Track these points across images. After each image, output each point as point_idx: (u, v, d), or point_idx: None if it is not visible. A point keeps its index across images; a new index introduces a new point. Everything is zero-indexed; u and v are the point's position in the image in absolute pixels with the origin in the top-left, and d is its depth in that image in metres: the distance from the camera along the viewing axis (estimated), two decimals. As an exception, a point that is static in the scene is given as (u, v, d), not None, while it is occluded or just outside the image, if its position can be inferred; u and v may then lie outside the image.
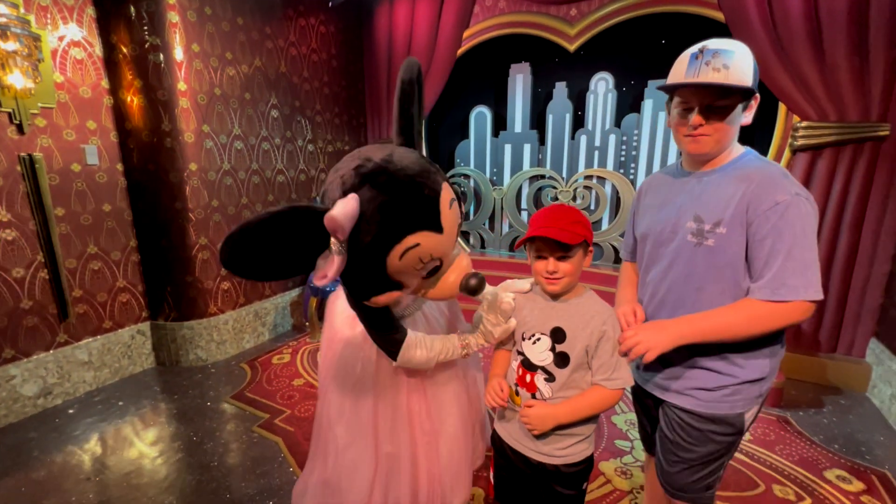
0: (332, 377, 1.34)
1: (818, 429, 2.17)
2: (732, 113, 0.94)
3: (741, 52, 0.92)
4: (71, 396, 2.46)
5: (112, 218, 2.57)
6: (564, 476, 1.08)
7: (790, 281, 0.90)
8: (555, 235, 0.97)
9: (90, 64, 2.41)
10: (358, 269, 0.94)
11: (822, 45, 2.32)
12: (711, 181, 1.00)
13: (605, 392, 1.02)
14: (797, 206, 0.90)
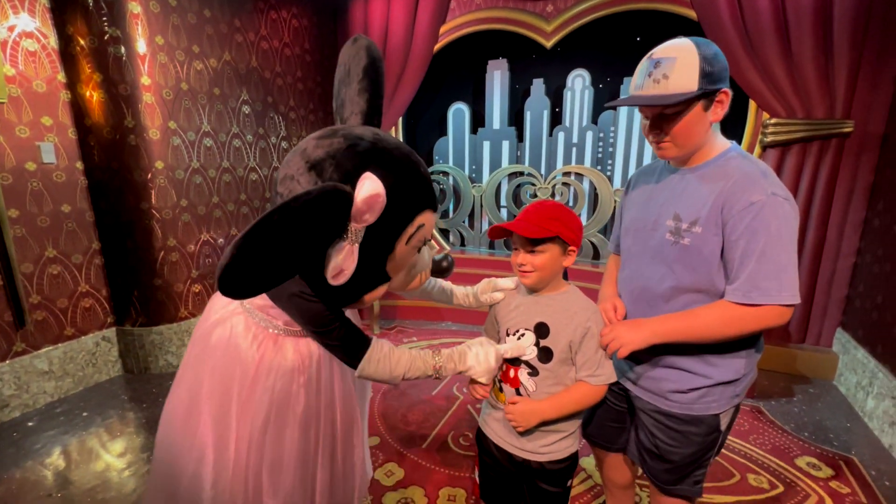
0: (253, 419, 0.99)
1: (789, 417, 2.23)
2: (688, 116, 0.92)
3: (684, 58, 0.89)
4: (30, 408, 2.32)
5: (72, 219, 2.43)
6: (549, 473, 1.08)
7: (763, 284, 0.88)
8: (519, 229, 0.98)
9: (44, 56, 2.27)
10: (362, 261, 0.80)
11: (790, 44, 2.38)
12: (692, 179, 1.00)
13: (590, 388, 1.03)
14: (773, 207, 0.88)
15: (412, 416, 2.22)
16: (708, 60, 0.90)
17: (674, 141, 0.96)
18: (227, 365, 1.00)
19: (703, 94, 0.91)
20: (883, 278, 2.22)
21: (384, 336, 3.25)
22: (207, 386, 1.00)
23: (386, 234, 0.83)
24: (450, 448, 1.97)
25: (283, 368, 1.00)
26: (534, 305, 1.08)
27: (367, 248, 0.80)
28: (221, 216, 2.94)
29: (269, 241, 0.67)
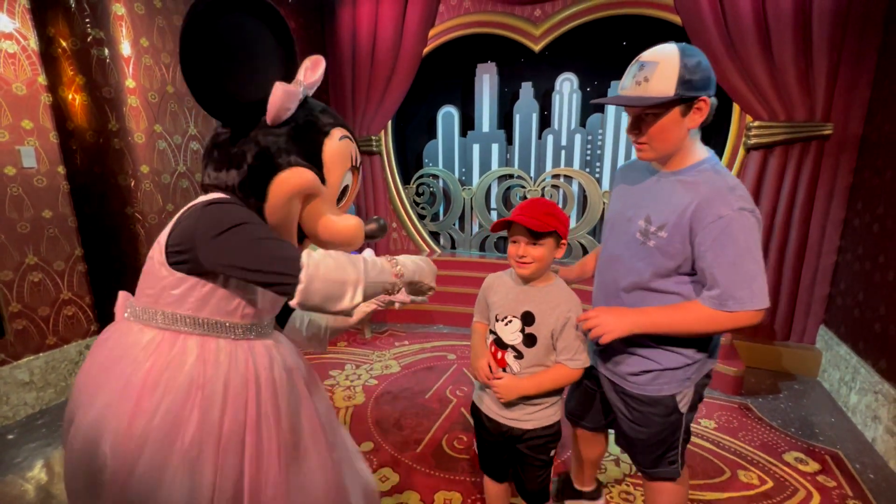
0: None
1: (776, 414, 2.28)
2: (662, 120, 0.98)
3: (666, 62, 0.95)
4: (10, 421, 2.25)
5: (54, 225, 2.37)
6: (532, 440, 1.20)
7: (737, 294, 0.95)
8: (524, 222, 1.07)
9: (24, 58, 2.21)
10: (299, 124, 0.90)
11: (771, 49, 2.44)
12: (666, 185, 1.05)
13: (567, 370, 1.16)
14: (740, 221, 0.94)
15: (406, 421, 2.21)
16: (689, 69, 0.94)
17: (650, 143, 1.02)
18: (101, 392, 0.81)
19: (681, 100, 0.96)
20: (863, 276, 2.28)
21: (375, 340, 3.23)
22: (78, 422, 0.81)
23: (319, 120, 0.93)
24: (444, 452, 1.97)
25: (176, 381, 0.80)
26: (522, 295, 1.19)
27: (300, 125, 0.90)
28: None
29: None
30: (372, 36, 3.50)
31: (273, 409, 0.89)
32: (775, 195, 2.63)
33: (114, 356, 0.84)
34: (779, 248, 2.67)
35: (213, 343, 0.85)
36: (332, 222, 0.95)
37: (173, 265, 0.83)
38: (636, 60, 1.00)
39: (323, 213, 0.95)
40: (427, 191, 3.87)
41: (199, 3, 0.77)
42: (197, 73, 0.80)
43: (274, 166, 0.87)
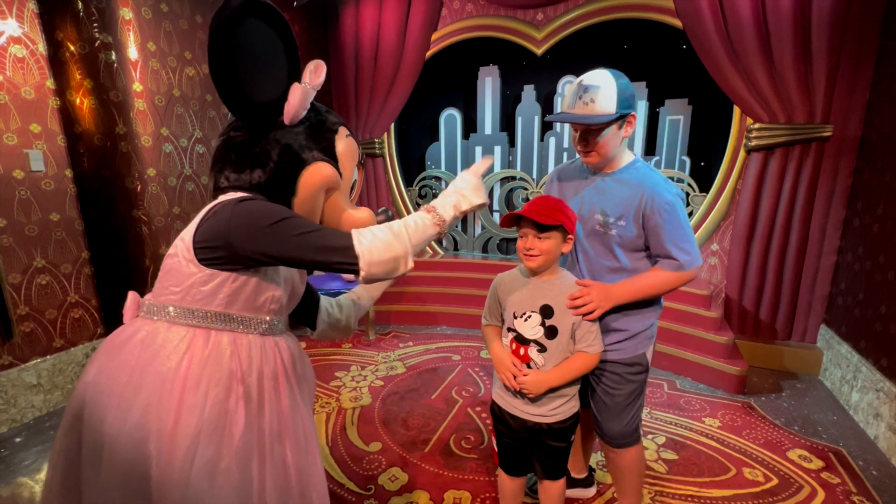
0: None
1: (779, 412, 2.30)
2: (606, 133, 1.21)
3: (606, 86, 1.17)
4: (18, 423, 2.25)
5: (61, 228, 2.38)
6: (556, 432, 1.26)
7: (684, 257, 1.23)
8: (531, 216, 1.14)
9: (33, 63, 2.23)
10: (313, 122, 0.96)
11: (771, 52, 2.48)
12: (612, 184, 1.28)
13: (588, 357, 1.21)
14: (676, 204, 1.23)
15: (412, 421, 2.22)
16: (622, 90, 1.18)
17: (597, 151, 1.23)
18: (140, 392, 0.79)
19: (619, 117, 1.19)
20: (864, 276, 2.31)
21: (379, 342, 3.25)
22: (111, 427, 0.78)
23: (328, 120, 0.99)
24: (452, 451, 1.98)
25: (216, 375, 0.82)
26: (537, 289, 1.22)
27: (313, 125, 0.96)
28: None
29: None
30: (375, 40, 3.53)
31: (301, 400, 0.96)
32: (776, 196, 2.66)
33: (145, 356, 0.82)
34: (780, 248, 2.70)
35: (244, 339, 0.88)
36: (352, 216, 1.01)
37: (203, 261, 0.84)
38: (579, 83, 1.20)
39: (343, 206, 1.01)
40: (430, 193, 3.89)
41: (224, 10, 0.81)
42: (225, 76, 0.84)
43: (300, 161, 0.91)
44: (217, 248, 0.83)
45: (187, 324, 0.85)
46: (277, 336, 0.95)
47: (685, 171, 3.08)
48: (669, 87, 3.06)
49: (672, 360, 2.71)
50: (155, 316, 0.88)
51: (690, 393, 2.48)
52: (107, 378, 0.83)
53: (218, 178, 0.95)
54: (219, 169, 0.95)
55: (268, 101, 0.90)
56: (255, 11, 0.86)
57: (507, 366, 1.23)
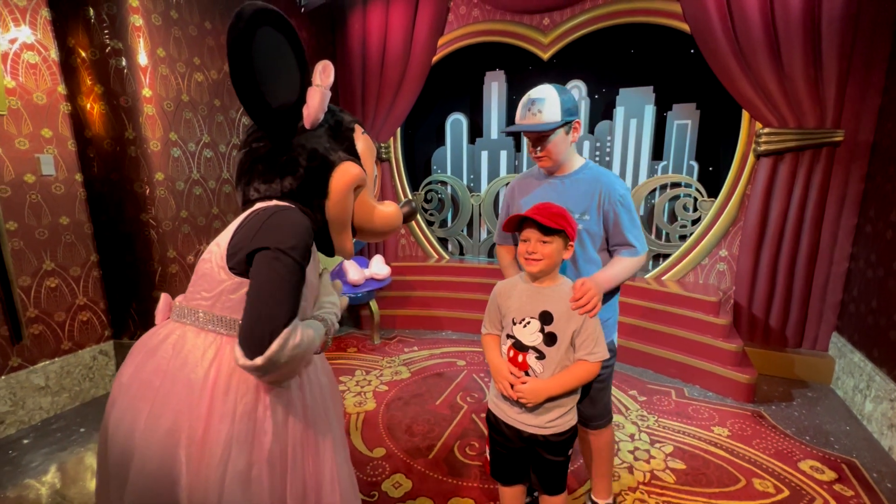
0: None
1: (790, 422, 2.26)
2: (555, 139, 1.35)
3: (550, 98, 1.33)
4: (26, 425, 2.27)
5: (70, 231, 2.41)
6: (553, 444, 1.22)
7: (639, 243, 1.39)
8: (537, 219, 1.14)
9: (45, 68, 2.26)
10: (331, 124, 1.00)
11: (781, 56, 2.45)
12: (571, 183, 1.41)
13: (588, 365, 1.18)
14: (627, 196, 1.40)
15: (417, 427, 2.21)
16: (564, 102, 1.34)
17: (548, 155, 1.36)
18: (171, 399, 0.80)
19: (565, 123, 1.34)
20: (876, 283, 2.27)
21: (384, 346, 3.24)
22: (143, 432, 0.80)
23: (346, 120, 1.04)
24: (456, 458, 1.97)
25: (245, 384, 0.82)
26: (536, 295, 1.21)
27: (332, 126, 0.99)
28: (221, 227, 2.93)
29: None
30: (382, 45, 3.54)
31: (322, 405, 0.97)
32: (786, 201, 2.62)
33: (176, 363, 0.83)
34: (790, 254, 2.66)
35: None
36: (381, 211, 1.06)
37: (233, 269, 0.85)
38: (528, 97, 1.36)
39: (371, 203, 1.04)
40: (435, 197, 3.89)
41: (239, 22, 0.83)
42: (247, 85, 0.87)
43: (329, 164, 0.94)
44: (239, 255, 0.84)
45: (216, 331, 0.86)
46: None
47: (693, 176, 3.05)
48: (677, 92, 3.04)
49: (680, 367, 2.67)
50: (186, 319, 0.90)
51: (699, 401, 2.45)
52: (140, 382, 0.85)
53: (247, 190, 0.97)
54: (246, 181, 0.97)
55: (287, 107, 0.93)
56: (266, 20, 0.88)
57: (504, 375, 1.21)
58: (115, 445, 0.84)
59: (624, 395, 2.50)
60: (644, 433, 2.14)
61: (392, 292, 3.56)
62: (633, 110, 3.14)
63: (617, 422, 2.23)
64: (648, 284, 2.97)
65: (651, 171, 3.19)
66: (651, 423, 2.22)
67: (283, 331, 0.74)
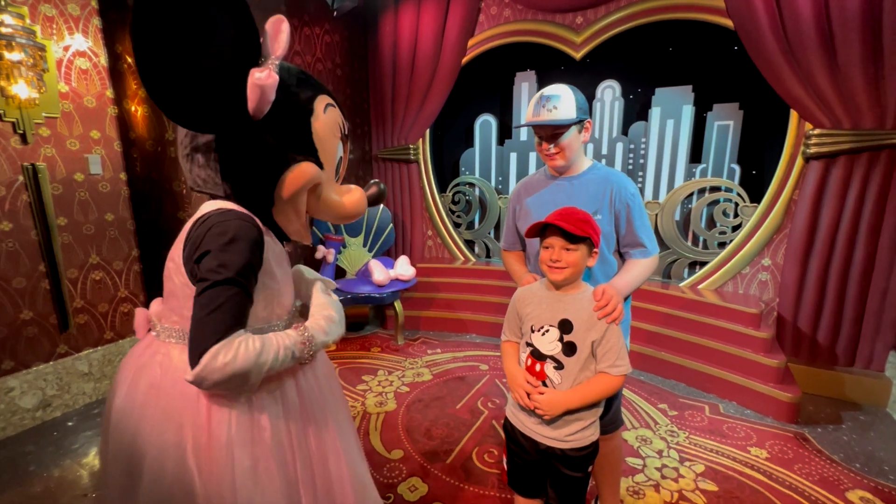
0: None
1: (837, 446, 2.09)
2: (569, 137, 1.34)
3: (565, 95, 1.32)
4: (70, 409, 2.42)
5: (114, 227, 2.55)
6: (571, 459, 1.16)
7: (648, 244, 1.37)
8: (561, 226, 1.08)
9: (95, 74, 2.40)
10: (283, 113, 0.83)
11: (835, 51, 2.28)
12: (581, 184, 1.39)
13: (610, 378, 1.12)
14: (637, 195, 1.37)
15: (436, 431, 2.19)
16: (578, 100, 1.33)
17: (562, 152, 1.35)
18: (172, 413, 0.82)
19: (579, 121, 1.33)
20: (943, 299, 2.06)
21: (407, 347, 3.24)
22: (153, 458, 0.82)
23: (303, 93, 0.87)
24: (474, 465, 1.93)
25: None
26: (557, 303, 1.16)
27: (284, 103, 0.83)
28: (253, 225, 3.02)
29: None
30: (412, 46, 3.56)
31: (320, 396, 0.99)
32: (838, 208, 2.43)
33: (168, 380, 0.85)
34: (842, 265, 2.47)
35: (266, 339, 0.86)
36: (337, 204, 0.96)
37: (193, 282, 0.82)
38: (541, 95, 1.34)
39: (328, 196, 0.94)
40: (463, 199, 3.87)
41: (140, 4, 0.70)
42: (152, 79, 0.73)
43: (276, 167, 0.84)
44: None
45: None
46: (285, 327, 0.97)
47: (734, 180, 2.89)
48: (718, 91, 2.88)
49: (716, 381, 2.53)
50: (166, 338, 0.89)
51: (735, 419, 2.30)
52: (136, 403, 0.87)
53: (189, 175, 0.90)
54: (188, 168, 0.89)
55: (218, 97, 0.75)
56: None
57: (520, 383, 1.17)
58: (119, 463, 0.87)
59: (653, 408, 2.39)
60: (673, 450, 2.04)
61: (417, 293, 3.56)
62: (670, 111, 3.00)
63: (644, 436, 2.14)
64: (683, 293, 2.83)
65: (688, 174, 3.04)
66: (681, 440, 2.11)
67: (211, 348, 0.73)
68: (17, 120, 2.10)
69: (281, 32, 0.82)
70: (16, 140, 2.13)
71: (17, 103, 2.07)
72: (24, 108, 2.11)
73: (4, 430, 2.17)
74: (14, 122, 2.10)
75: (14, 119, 2.10)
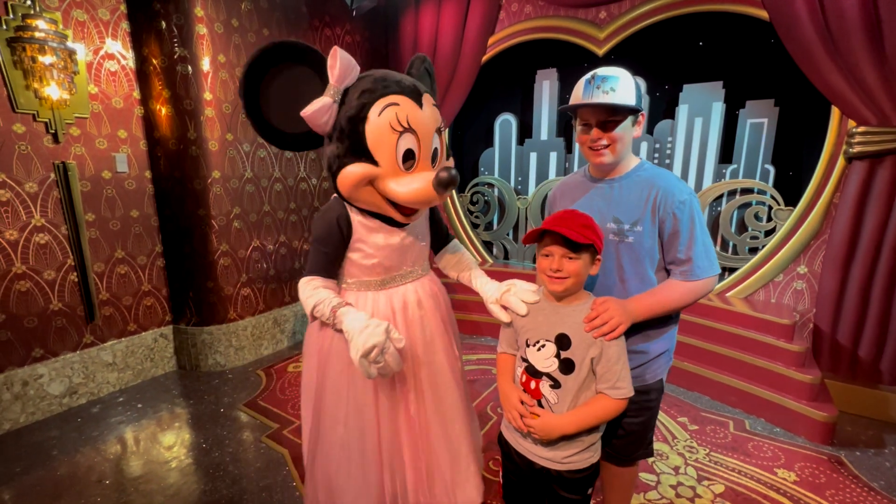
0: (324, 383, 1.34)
1: (878, 473, 1.91)
2: (622, 127, 1.13)
3: (625, 78, 1.12)
4: (95, 396, 2.53)
5: (139, 224, 2.65)
6: (568, 482, 1.09)
7: (701, 263, 1.13)
8: (564, 232, 0.99)
9: (123, 76, 2.50)
10: (341, 126, 1.14)
11: (882, 40, 2.09)
12: (622, 187, 1.18)
13: (610, 402, 1.03)
14: (694, 204, 1.13)
15: (442, 434, 2.15)
16: (637, 85, 1.15)
17: (612, 146, 1.14)
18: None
19: (635, 110, 1.14)
20: None
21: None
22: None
23: (358, 103, 1.13)
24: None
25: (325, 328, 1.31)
26: (554, 315, 1.07)
27: (344, 114, 1.15)
28: (271, 223, 3.08)
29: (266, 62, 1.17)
30: (433, 45, 3.54)
31: (409, 340, 1.28)
32: (885, 212, 2.23)
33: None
34: (889, 274, 2.26)
35: (364, 295, 1.32)
36: (393, 193, 1.17)
37: None
38: (592, 75, 1.14)
39: (385, 189, 1.16)
40: (482, 199, 3.81)
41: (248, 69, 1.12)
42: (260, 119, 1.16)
43: (334, 173, 1.16)
44: None
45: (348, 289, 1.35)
46: (391, 288, 1.33)
47: (768, 182, 2.71)
48: (752, 87, 2.71)
49: (742, 395, 2.37)
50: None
51: (762, 437, 2.15)
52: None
53: None
54: None
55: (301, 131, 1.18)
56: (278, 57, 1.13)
57: (513, 404, 1.09)
58: None
59: (672, 421, 2.27)
60: (691, 467, 1.92)
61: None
62: (699, 108, 2.85)
63: (660, 450, 2.02)
64: (710, 301, 2.68)
65: (717, 175, 2.88)
66: (700, 457, 1.99)
67: (302, 279, 1.28)
68: (50, 120, 2.21)
69: (334, 63, 1.10)
70: (48, 139, 2.24)
71: (49, 104, 2.18)
72: (56, 108, 2.22)
73: (33, 415, 2.29)
74: (46, 122, 2.21)
75: (46, 119, 2.20)
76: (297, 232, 3.28)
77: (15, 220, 2.16)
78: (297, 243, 3.29)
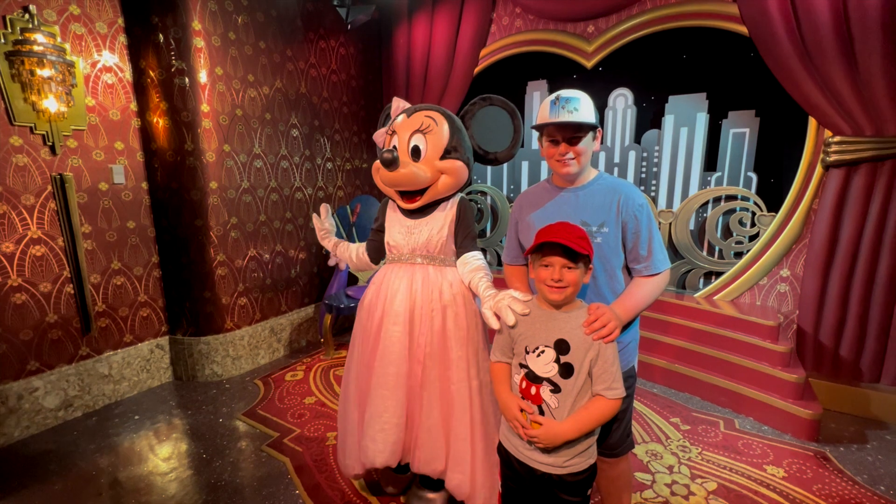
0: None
1: (861, 467, 1.99)
2: (585, 141, 1.27)
3: (584, 99, 1.27)
4: (90, 409, 2.51)
5: (136, 234, 2.65)
6: (569, 485, 1.12)
7: (659, 257, 1.29)
8: (567, 243, 1.05)
9: (120, 88, 2.52)
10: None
11: (855, 55, 2.22)
12: (587, 194, 1.32)
13: (607, 403, 1.08)
14: (648, 207, 1.30)
15: (442, 439, 2.18)
16: (593, 106, 1.30)
17: (577, 158, 1.28)
18: None
19: (595, 127, 1.29)
20: (974, 314, 1.96)
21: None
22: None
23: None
24: (479, 475, 1.91)
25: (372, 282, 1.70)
26: (551, 322, 1.11)
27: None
28: (268, 233, 3.10)
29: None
30: (425, 58, 3.61)
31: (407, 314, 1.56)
32: (860, 218, 2.35)
33: None
34: (866, 276, 2.37)
35: (387, 266, 1.66)
36: (374, 176, 1.65)
37: None
38: (557, 97, 1.27)
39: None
40: (475, 207, 3.87)
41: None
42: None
43: None
44: None
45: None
46: (406, 264, 1.60)
47: (751, 189, 2.82)
48: (734, 99, 2.83)
49: (731, 395, 2.45)
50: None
51: (751, 435, 2.23)
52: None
53: None
54: None
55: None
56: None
57: (514, 413, 1.12)
58: None
59: (665, 421, 2.33)
60: (685, 466, 1.98)
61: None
62: (684, 118, 2.96)
63: (654, 451, 2.08)
64: (698, 304, 2.77)
65: (703, 182, 2.98)
66: (693, 456, 2.05)
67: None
68: (47, 132, 2.22)
69: (394, 111, 1.67)
70: (45, 152, 2.24)
71: (47, 117, 2.19)
72: (54, 121, 2.23)
73: (28, 429, 2.26)
74: (44, 135, 2.22)
75: (44, 132, 2.21)
76: (293, 241, 3.30)
77: (11, 232, 2.15)
78: (293, 252, 3.31)
